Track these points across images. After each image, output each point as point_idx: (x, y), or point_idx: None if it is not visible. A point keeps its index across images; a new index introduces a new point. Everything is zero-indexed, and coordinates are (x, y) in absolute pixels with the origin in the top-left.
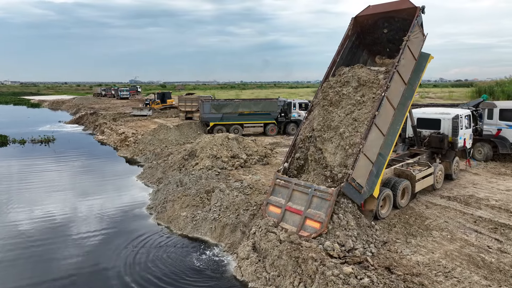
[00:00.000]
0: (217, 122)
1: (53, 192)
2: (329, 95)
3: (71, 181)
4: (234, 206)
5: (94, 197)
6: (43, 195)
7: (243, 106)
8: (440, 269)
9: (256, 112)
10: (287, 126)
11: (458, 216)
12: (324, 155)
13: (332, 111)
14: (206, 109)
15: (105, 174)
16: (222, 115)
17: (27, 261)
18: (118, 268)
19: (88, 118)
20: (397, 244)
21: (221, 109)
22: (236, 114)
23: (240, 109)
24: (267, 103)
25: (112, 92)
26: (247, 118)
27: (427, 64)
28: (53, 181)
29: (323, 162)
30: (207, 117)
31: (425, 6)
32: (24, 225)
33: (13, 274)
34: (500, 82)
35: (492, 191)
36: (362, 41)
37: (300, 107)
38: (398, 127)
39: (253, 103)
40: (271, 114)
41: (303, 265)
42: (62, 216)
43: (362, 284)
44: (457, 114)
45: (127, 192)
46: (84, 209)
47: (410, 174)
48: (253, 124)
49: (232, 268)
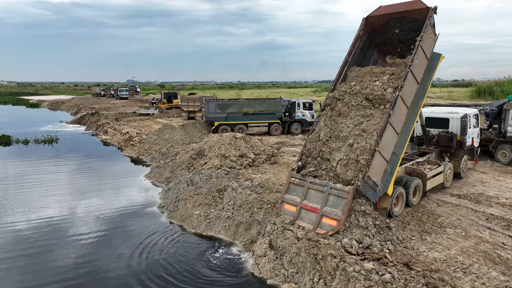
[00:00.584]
0: (222, 122)
1: (65, 193)
2: (337, 106)
3: (81, 182)
4: (247, 205)
5: (105, 197)
6: (57, 196)
7: (247, 105)
8: (458, 265)
9: (261, 112)
10: (291, 126)
11: (470, 214)
12: (332, 164)
13: (340, 121)
14: (211, 108)
15: (113, 174)
16: (227, 115)
17: (48, 258)
18: (135, 267)
19: (89, 118)
20: (413, 241)
21: (226, 108)
22: (240, 114)
23: (244, 109)
24: (272, 102)
25: (111, 92)
26: (251, 117)
27: (438, 63)
28: (64, 182)
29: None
30: (212, 116)
31: (437, 6)
32: (44, 224)
33: (36, 268)
34: (499, 82)
35: (501, 189)
36: (373, 41)
37: (304, 106)
38: (411, 126)
39: (258, 103)
40: (275, 113)
41: (322, 262)
42: (73, 216)
43: (384, 280)
44: (466, 113)
45: (136, 192)
46: (96, 209)
47: (422, 173)
48: (257, 124)
49: (249, 266)
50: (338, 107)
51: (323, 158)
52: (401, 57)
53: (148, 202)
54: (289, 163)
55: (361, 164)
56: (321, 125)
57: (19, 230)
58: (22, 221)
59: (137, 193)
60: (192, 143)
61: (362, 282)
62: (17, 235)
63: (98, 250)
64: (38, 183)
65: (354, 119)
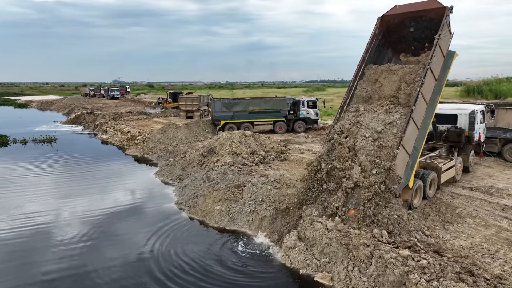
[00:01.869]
0: (228, 121)
1: (80, 191)
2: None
3: (95, 181)
4: (270, 199)
5: (121, 195)
6: (74, 194)
7: (253, 104)
8: (485, 251)
9: (266, 110)
10: (295, 124)
11: (485, 205)
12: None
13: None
14: (217, 107)
15: (122, 172)
16: (233, 114)
17: (82, 250)
18: (168, 262)
19: (85, 118)
20: (437, 230)
21: (232, 107)
22: (246, 112)
23: (250, 107)
24: (277, 101)
25: (101, 92)
26: (257, 116)
27: (453, 61)
28: (74, 181)
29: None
30: (218, 115)
31: (453, 6)
32: (76, 221)
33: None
34: (487, 81)
35: (509, 182)
36: (388, 39)
37: (308, 105)
38: (429, 121)
39: (263, 101)
40: (280, 111)
41: (354, 251)
42: (91, 213)
43: (421, 265)
44: (474, 109)
45: (150, 189)
46: (113, 205)
47: (436, 166)
48: (263, 122)
49: (279, 257)
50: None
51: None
52: (414, 55)
53: (164, 199)
54: (299, 160)
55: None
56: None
57: (62, 220)
58: (56, 215)
59: (151, 191)
60: (197, 141)
61: (400, 267)
62: (62, 225)
63: (129, 245)
64: (56, 183)
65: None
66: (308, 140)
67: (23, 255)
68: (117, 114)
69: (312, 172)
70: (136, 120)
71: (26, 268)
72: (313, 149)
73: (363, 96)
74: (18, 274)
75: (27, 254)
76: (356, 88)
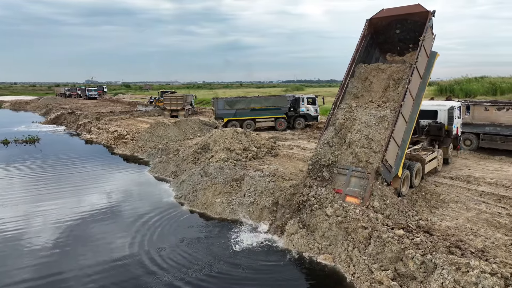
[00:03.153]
0: (231, 118)
1: (80, 191)
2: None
3: (89, 177)
4: (268, 191)
5: (120, 191)
6: (73, 193)
7: (255, 102)
8: (468, 230)
9: (268, 107)
10: (295, 121)
11: (464, 192)
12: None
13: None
14: (220, 105)
15: (115, 170)
16: (235, 111)
17: (95, 244)
18: (181, 248)
19: (66, 118)
20: (425, 214)
21: (234, 105)
22: (248, 110)
23: (252, 105)
24: (277, 98)
25: (78, 92)
26: (259, 113)
27: (435, 60)
28: (71, 180)
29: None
30: (221, 113)
31: (435, 10)
32: (79, 219)
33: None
34: (458, 81)
35: (484, 171)
36: (375, 40)
37: (308, 102)
38: (415, 115)
39: (264, 99)
40: (281, 108)
41: (353, 234)
42: (94, 208)
43: (415, 242)
44: (452, 105)
45: (147, 185)
46: (113, 202)
47: (421, 158)
48: (265, 119)
49: (282, 243)
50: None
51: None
52: (400, 55)
53: (162, 194)
54: (289, 155)
55: (377, 148)
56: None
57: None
58: (70, 212)
59: (148, 187)
60: (186, 139)
61: (397, 245)
62: (74, 218)
63: (137, 236)
64: (51, 182)
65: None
66: (295, 137)
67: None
68: (100, 114)
69: (312, 160)
70: (120, 120)
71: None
72: (301, 145)
73: (355, 93)
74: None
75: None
76: (348, 86)
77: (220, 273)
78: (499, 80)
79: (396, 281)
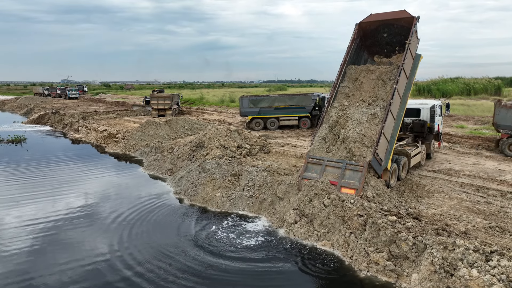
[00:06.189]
0: (255, 116)
1: (79, 189)
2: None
3: (86, 175)
4: (267, 184)
5: (118, 188)
6: (72, 192)
7: (279, 100)
8: (451, 216)
9: (291, 106)
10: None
11: (446, 183)
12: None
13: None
14: (244, 104)
15: (109, 168)
16: (259, 109)
17: (101, 241)
18: (192, 237)
19: (51, 118)
20: (412, 203)
21: (258, 103)
22: (272, 108)
23: (276, 103)
24: (302, 97)
25: (57, 92)
26: (282, 111)
27: (419, 62)
28: (69, 180)
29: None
30: (246, 111)
31: (420, 16)
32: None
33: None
34: (435, 81)
35: (463, 165)
36: (364, 43)
37: None
38: (402, 113)
39: (288, 98)
40: (305, 107)
41: (349, 221)
42: (95, 211)
43: (406, 226)
44: (433, 104)
45: (144, 183)
46: (118, 200)
47: (407, 152)
48: (288, 118)
49: (282, 232)
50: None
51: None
52: (387, 57)
53: (161, 190)
54: (281, 152)
55: (369, 143)
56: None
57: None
58: (77, 207)
59: (146, 184)
60: (178, 138)
61: (391, 229)
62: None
63: (149, 236)
64: (46, 182)
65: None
66: (284, 135)
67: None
68: (85, 113)
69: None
70: (106, 119)
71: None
72: (291, 142)
73: (346, 92)
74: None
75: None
76: (339, 86)
77: (224, 264)
78: (472, 80)
79: (391, 261)
